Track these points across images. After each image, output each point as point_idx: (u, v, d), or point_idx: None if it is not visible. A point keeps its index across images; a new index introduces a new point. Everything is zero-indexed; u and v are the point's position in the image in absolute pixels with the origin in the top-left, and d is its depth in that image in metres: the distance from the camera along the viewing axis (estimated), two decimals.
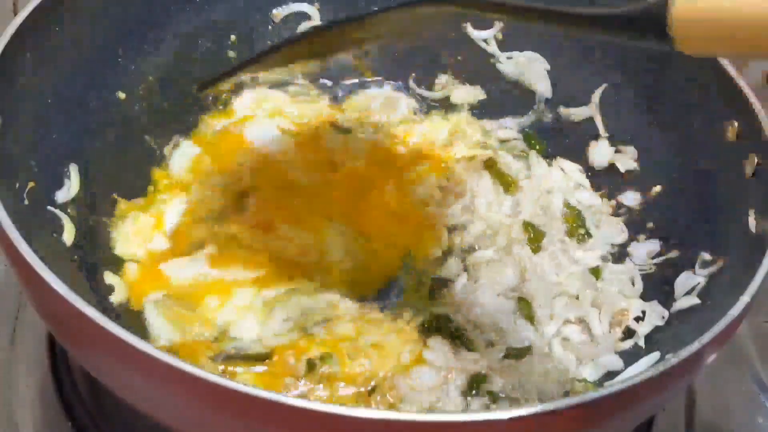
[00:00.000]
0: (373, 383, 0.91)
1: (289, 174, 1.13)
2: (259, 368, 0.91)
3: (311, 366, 0.91)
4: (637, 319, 0.99)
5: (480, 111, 1.25)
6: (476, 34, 1.24)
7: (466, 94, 1.26)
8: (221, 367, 0.91)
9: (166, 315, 0.96)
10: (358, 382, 0.91)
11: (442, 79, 1.26)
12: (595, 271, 1.05)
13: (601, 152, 1.17)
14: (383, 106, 1.26)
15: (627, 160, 1.14)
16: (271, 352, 0.92)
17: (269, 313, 0.96)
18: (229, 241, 1.03)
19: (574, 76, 1.20)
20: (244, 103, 1.21)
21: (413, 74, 1.26)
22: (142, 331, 0.94)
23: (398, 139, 1.20)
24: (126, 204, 1.04)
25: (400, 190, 1.12)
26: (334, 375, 0.91)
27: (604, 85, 1.16)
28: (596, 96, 1.17)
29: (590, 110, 1.18)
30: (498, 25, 1.23)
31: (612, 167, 1.16)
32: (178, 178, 1.10)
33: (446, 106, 1.25)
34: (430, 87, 1.26)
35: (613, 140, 1.16)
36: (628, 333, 0.99)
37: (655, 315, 0.98)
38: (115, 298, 0.96)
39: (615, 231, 1.10)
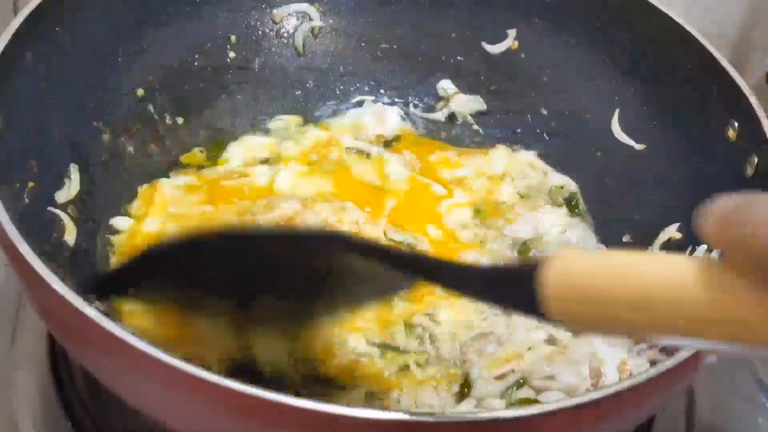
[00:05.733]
0: None
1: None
2: None
3: None
4: None
5: (478, 120, 1.25)
6: (491, 48, 1.24)
7: (466, 104, 1.25)
8: None
9: None
10: None
11: (443, 84, 1.26)
12: None
13: None
14: (376, 120, 1.24)
15: None
16: None
17: None
18: None
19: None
20: (235, 154, 1.17)
21: (414, 99, 1.27)
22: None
23: (450, 165, 1.19)
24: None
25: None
26: None
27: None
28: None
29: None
30: (511, 36, 1.22)
31: None
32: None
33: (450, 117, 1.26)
34: (429, 89, 1.27)
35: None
36: None
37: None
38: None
39: None
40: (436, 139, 1.25)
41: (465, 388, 0.92)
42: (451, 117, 1.26)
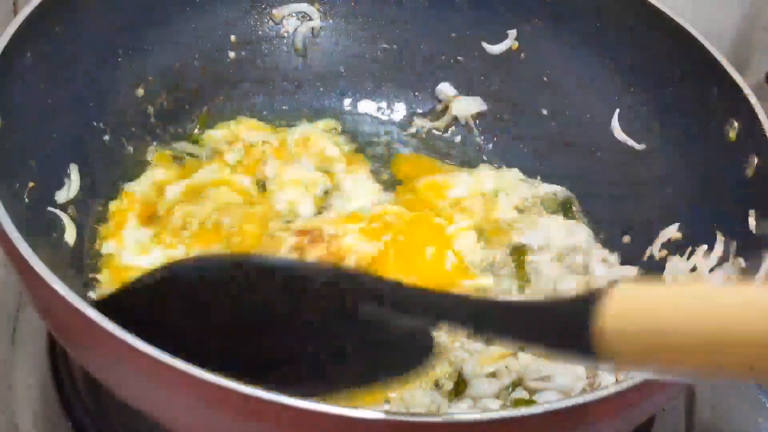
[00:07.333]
0: None
1: None
2: None
3: None
4: None
5: (480, 122, 1.25)
6: (491, 48, 1.23)
7: (467, 105, 1.25)
8: None
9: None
10: None
11: (442, 88, 1.26)
12: None
13: None
14: None
15: None
16: None
17: None
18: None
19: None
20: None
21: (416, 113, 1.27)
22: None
23: (439, 188, 1.16)
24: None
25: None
26: None
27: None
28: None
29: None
30: (511, 36, 1.22)
31: None
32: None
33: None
34: (429, 89, 1.27)
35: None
36: None
37: None
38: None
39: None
40: (432, 147, 1.24)
41: (461, 385, 0.92)
42: (453, 118, 1.26)
